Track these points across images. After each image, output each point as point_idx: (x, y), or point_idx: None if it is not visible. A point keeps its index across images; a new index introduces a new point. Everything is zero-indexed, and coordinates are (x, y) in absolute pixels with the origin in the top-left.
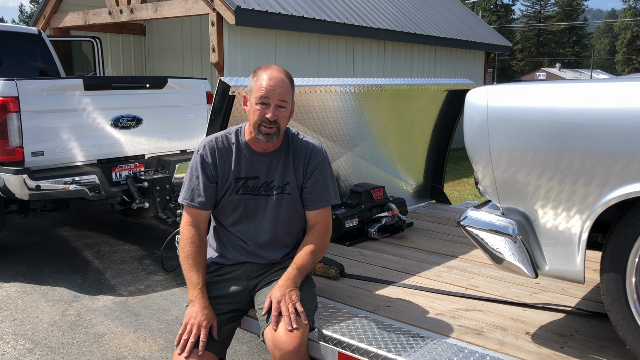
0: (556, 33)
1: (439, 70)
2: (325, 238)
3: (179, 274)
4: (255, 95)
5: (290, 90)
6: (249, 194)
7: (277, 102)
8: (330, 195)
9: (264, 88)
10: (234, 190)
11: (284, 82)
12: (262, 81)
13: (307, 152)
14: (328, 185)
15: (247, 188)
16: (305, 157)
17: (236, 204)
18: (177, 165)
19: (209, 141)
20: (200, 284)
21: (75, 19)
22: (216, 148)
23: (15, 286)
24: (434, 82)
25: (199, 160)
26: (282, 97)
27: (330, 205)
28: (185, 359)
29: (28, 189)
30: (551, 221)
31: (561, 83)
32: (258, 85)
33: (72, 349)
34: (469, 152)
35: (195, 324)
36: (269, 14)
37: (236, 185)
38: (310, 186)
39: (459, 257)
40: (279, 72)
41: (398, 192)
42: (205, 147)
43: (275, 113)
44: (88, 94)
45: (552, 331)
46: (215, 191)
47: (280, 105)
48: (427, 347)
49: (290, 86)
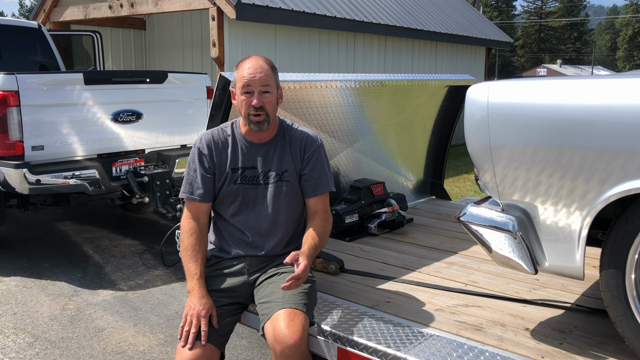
0: (557, 29)
1: (439, 66)
2: (328, 223)
3: (178, 269)
4: (239, 86)
5: (271, 74)
6: (247, 183)
7: (260, 88)
8: (328, 181)
9: (245, 77)
10: (231, 180)
11: (263, 67)
12: (243, 71)
13: (303, 140)
14: (325, 172)
15: (245, 178)
16: (301, 145)
17: (235, 195)
18: (177, 160)
19: (205, 135)
20: (198, 275)
21: (75, 13)
22: (212, 141)
23: (16, 280)
24: (434, 78)
25: (196, 153)
26: (263, 82)
27: (328, 191)
28: (188, 350)
29: (28, 183)
30: (551, 217)
31: (562, 79)
32: (240, 76)
33: (72, 343)
34: (470, 148)
35: (194, 315)
36: (269, 9)
37: (234, 176)
38: (308, 173)
39: (458, 253)
40: (257, 59)
41: (398, 187)
42: (201, 141)
43: (260, 99)
44: (88, 88)
45: (551, 327)
46: (213, 183)
47: (264, 91)
48: (426, 342)
49: (271, 71)
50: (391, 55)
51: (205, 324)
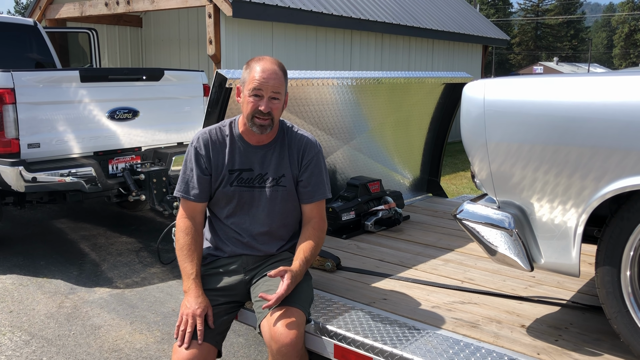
0: (554, 27)
1: (436, 63)
2: (323, 231)
3: (175, 267)
4: (248, 87)
5: (283, 81)
6: (243, 186)
7: (270, 94)
8: (324, 188)
9: (256, 80)
10: (227, 182)
11: (277, 73)
12: (255, 73)
13: (302, 145)
14: (323, 178)
15: (241, 180)
16: (299, 150)
17: (230, 196)
18: (174, 158)
19: (203, 134)
20: (194, 274)
21: (71, 10)
22: (210, 140)
23: (12, 278)
24: (431, 76)
25: (192, 152)
26: (275, 89)
27: (324, 199)
28: (185, 350)
29: (24, 181)
30: (547, 214)
31: (558, 77)
32: (251, 77)
33: (68, 340)
34: (466, 146)
35: (190, 314)
36: (266, 6)
37: (230, 177)
38: (305, 179)
39: (455, 250)
40: (272, 64)
41: (395, 185)
42: (198, 140)
43: (269, 105)
44: (84, 85)
45: (547, 324)
46: (209, 183)
47: (274, 97)
48: (422, 339)
49: (284, 77)
50: (388, 53)
51: (201, 322)
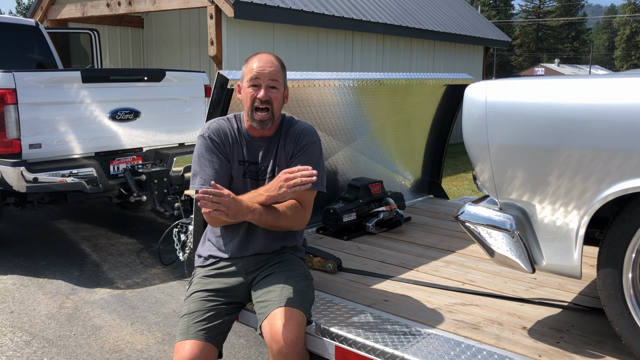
0: (555, 28)
1: (437, 64)
2: (299, 214)
3: (176, 267)
4: (246, 79)
5: (280, 71)
6: (252, 178)
7: (268, 82)
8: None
9: (254, 70)
10: (239, 172)
11: (274, 63)
12: (252, 64)
13: (297, 133)
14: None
15: (250, 172)
16: (294, 138)
17: (241, 189)
18: (175, 159)
19: (212, 122)
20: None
21: (72, 11)
22: (220, 129)
23: (13, 278)
24: (432, 77)
25: (206, 142)
26: (272, 77)
27: (315, 190)
28: (187, 341)
29: (25, 182)
30: (549, 216)
31: (560, 78)
32: (249, 69)
33: (69, 341)
34: (467, 147)
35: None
36: (267, 7)
37: (240, 169)
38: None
39: (456, 252)
40: (268, 55)
41: (396, 186)
42: (209, 129)
43: (267, 93)
44: (86, 86)
45: (548, 326)
46: (228, 170)
47: (272, 86)
48: (424, 341)
49: (281, 68)
50: (389, 54)
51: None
